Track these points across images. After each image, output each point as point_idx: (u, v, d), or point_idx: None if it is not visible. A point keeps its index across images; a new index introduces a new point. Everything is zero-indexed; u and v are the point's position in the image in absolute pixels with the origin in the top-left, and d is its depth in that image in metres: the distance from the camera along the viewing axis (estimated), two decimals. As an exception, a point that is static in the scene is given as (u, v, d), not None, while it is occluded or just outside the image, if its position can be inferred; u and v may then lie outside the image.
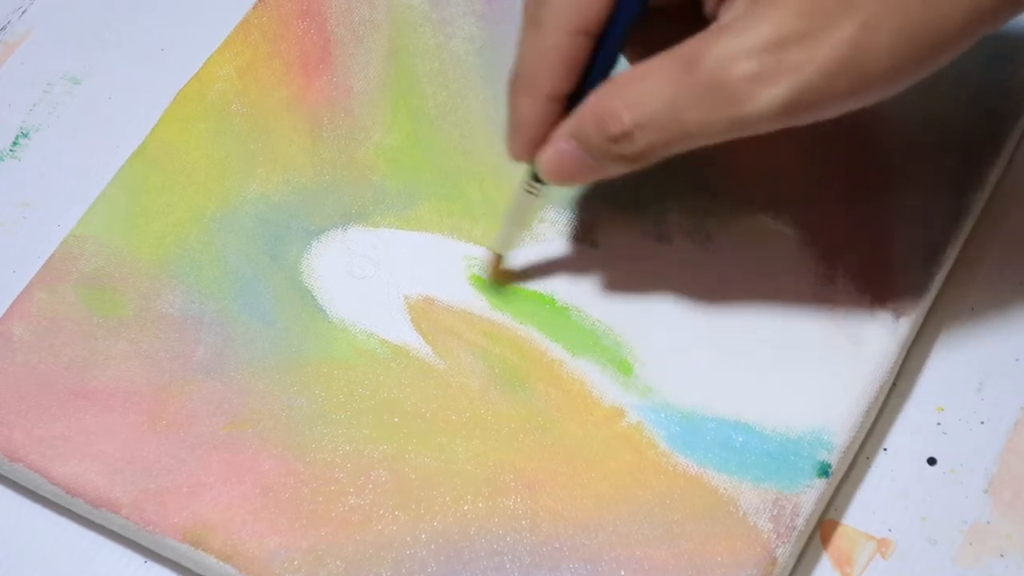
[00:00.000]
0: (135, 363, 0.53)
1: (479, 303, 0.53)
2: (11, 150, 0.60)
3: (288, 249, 0.55)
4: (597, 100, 0.47)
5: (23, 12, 0.64)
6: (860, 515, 0.50)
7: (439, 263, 0.54)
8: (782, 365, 0.51)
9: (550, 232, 0.55)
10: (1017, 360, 0.52)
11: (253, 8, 0.60)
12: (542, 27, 0.48)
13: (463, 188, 0.56)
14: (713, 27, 0.45)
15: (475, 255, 0.54)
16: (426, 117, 0.58)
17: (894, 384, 0.52)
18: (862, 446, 0.51)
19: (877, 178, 0.54)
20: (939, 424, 0.52)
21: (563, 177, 0.49)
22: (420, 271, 0.54)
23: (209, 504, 0.50)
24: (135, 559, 0.52)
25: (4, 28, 0.63)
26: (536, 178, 0.51)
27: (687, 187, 0.55)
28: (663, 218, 0.54)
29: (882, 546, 0.50)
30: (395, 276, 0.54)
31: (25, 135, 0.61)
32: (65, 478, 0.51)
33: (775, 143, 0.55)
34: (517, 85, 0.49)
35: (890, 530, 0.50)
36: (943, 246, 0.52)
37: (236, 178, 0.57)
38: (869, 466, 0.51)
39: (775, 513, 0.48)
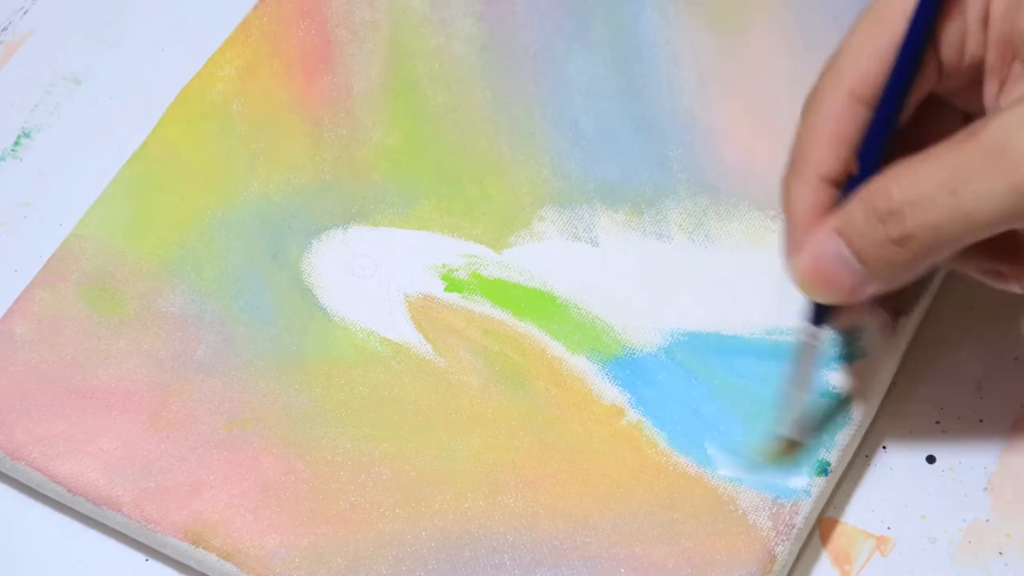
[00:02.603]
0: (136, 362, 0.53)
1: (479, 301, 0.53)
2: (13, 150, 0.60)
3: (289, 248, 0.55)
4: (870, 184, 0.43)
5: (25, 12, 0.64)
6: (859, 513, 0.50)
7: (439, 262, 0.54)
8: (782, 364, 0.51)
9: (550, 231, 0.55)
10: (1016, 359, 0.52)
11: (254, 8, 0.60)
12: (818, 97, 0.45)
13: (463, 187, 0.56)
14: (995, 108, 0.43)
15: (475, 253, 0.54)
16: (426, 117, 0.58)
17: (893, 382, 0.52)
18: (861, 444, 0.51)
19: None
20: (938, 422, 0.52)
21: (820, 284, 0.44)
22: (420, 270, 0.54)
23: (210, 502, 0.50)
24: (136, 557, 0.52)
25: (6, 28, 0.63)
26: (816, 319, 0.46)
27: (687, 186, 0.55)
28: (663, 217, 0.54)
29: (881, 544, 0.50)
30: (395, 275, 0.54)
31: (27, 135, 0.61)
32: (66, 476, 0.51)
33: (776, 141, 0.55)
34: (789, 170, 0.45)
35: (889, 528, 0.50)
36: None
37: (237, 178, 0.57)
38: (868, 464, 0.51)
39: (774, 511, 0.48)
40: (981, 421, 0.51)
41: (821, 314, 0.47)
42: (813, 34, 0.57)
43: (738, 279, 0.53)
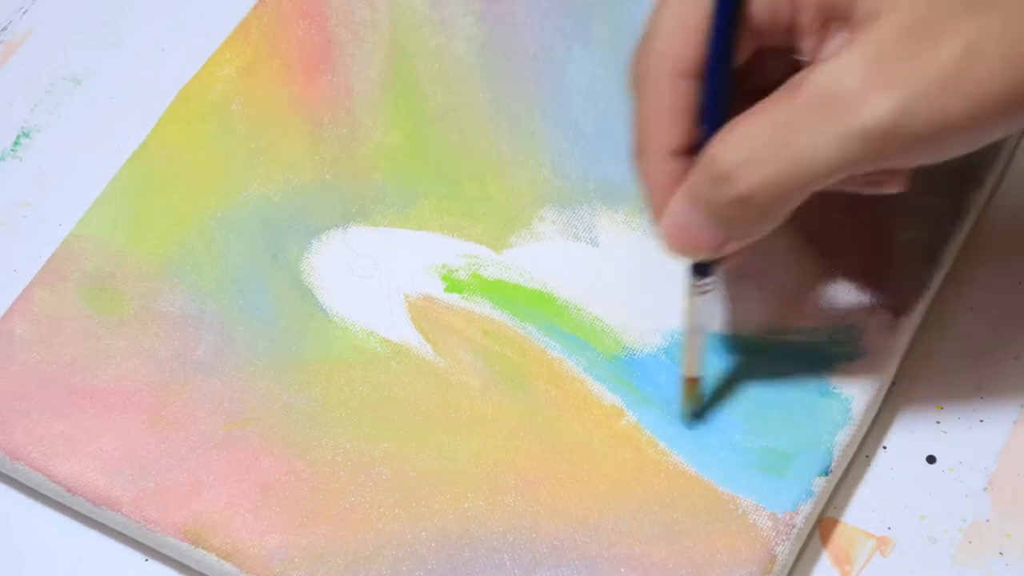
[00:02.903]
0: (136, 362, 0.53)
1: (479, 302, 0.53)
2: (12, 150, 0.60)
3: (289, 248, 0.55)
4: (706, 148, 0.44)
5: (24, 12, 0.64)
6: (860, 513, 0.50)
7: (439, 262, 0.54)
8: (782, 364, 0.51)
9: (550, 231, 0.55)
10: (1016, 359, 0.52)
11: (254, 8, 0.60)
12: (644, 80, 0.46)
13: (463, 187, 0.56)
14: (816, 62, 0.43)
15: (475, 253, 0.54)
16: (426, 117, 0.58)
17: (894, 382, 0.52)
18: (862, 444, 0.51)
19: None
20: (939, 422, 0.52)
21: (681, 247, 0.46)
22: (420, 270, 0.54)
23: (209, 502, 0.50)
24: (136, 557, 0.52)
25: (5, 28, 0.63)
26: (697, 271, 0.47)
27: (687, 186, 0.55)
28: (663, 217, 0.54)
29: (881, 544, 0.50)
30: (395, 275, 0.54)
31: (26, 135, 0.61)
32: (66, 477, 0.51)
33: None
34: (636, 152, 0.46)
35: (889, 528, 0.50)
36: (943, 245, 0.53)
37: (237, 177, 0.57)
38: (869, 464, 0.51)
39: (774, 511, 0.48)
40: (982, 421, 0.51)
41: (701, 265, 0.48)
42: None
43: (738, 279, 0.53)
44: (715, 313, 0.50)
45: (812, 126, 0.42)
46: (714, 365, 0.51)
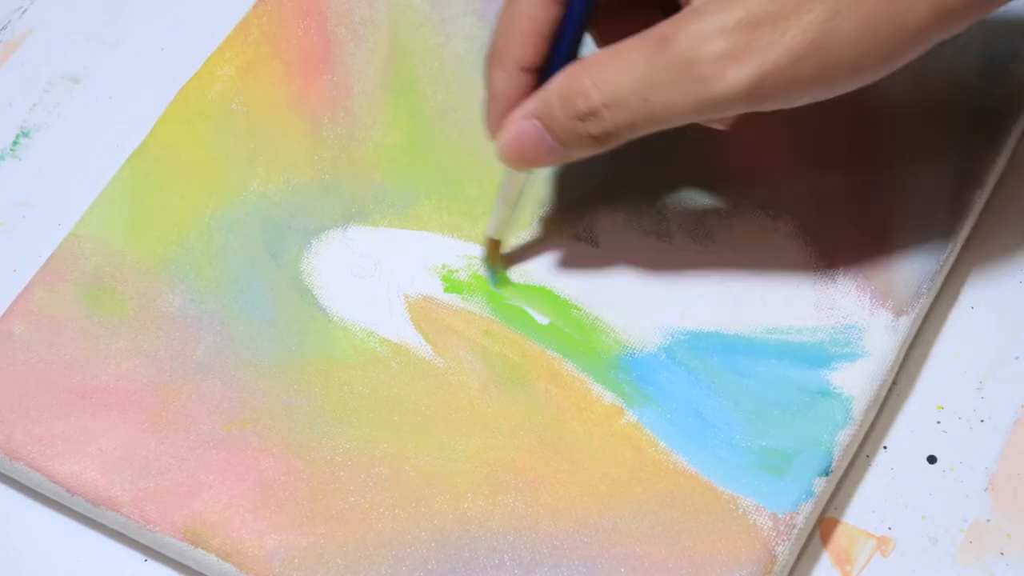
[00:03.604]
0: (135, 362, 0.53)
1: (479, 302, 0.53)
2: (11, 149, 0.60)
3: (288, 248, 0.55)
4: (566, 78, 0.47)
5: (23, 12, 0.64)
6: (860, 513, 0.50)
7: (439, 262, 0.54)
8: (782, 364, 0.51)
9: (550, 230, 0.55)
10: (1017, 358, 0.52)
11: (253, 8, 0.60)
12: None
13: (463, 187, 0.56)
14: (687, 9, 0.46)
15: (475, 254, 0.54)
16: (426, 117, 0.58)
17: (894, 382, 0.52)
18: (862, 444, 0.51)
19: (877, 177, 0.54)
20: (939, 422, 0.52)
21: (522, 160, 0.49)
22: (420, 270, 0.54)
23: (209, 502, 0.50)
24: (135, 557, 0.52)
25: (4, 28, 0.63)
26: None
27: (688, 185, 0.55)
28: (663, 216, 0.54)
29: (882, 544, 0.50)
30: (395, 275, 0.54)
31: (25, 134, 0.61)
32: (65, 477, 0.51)
33: (776, 141, 0.55)
34: (490, 57, 0.50)
35: (890, 528, 0.50)
36: (943, 245, 0.52)
37: (236, 177, 0.57)
38: (869, 464, 0.51)
39: (775, 511, 0.48)
40: (982, 421, 0.51)
41: None
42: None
43: (738, 278, 0.53)
44: (522, 192, 0.53)
45: (673, 86, 0.45)
46: (714, 365, 0.51)
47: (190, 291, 0.54)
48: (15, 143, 0.60)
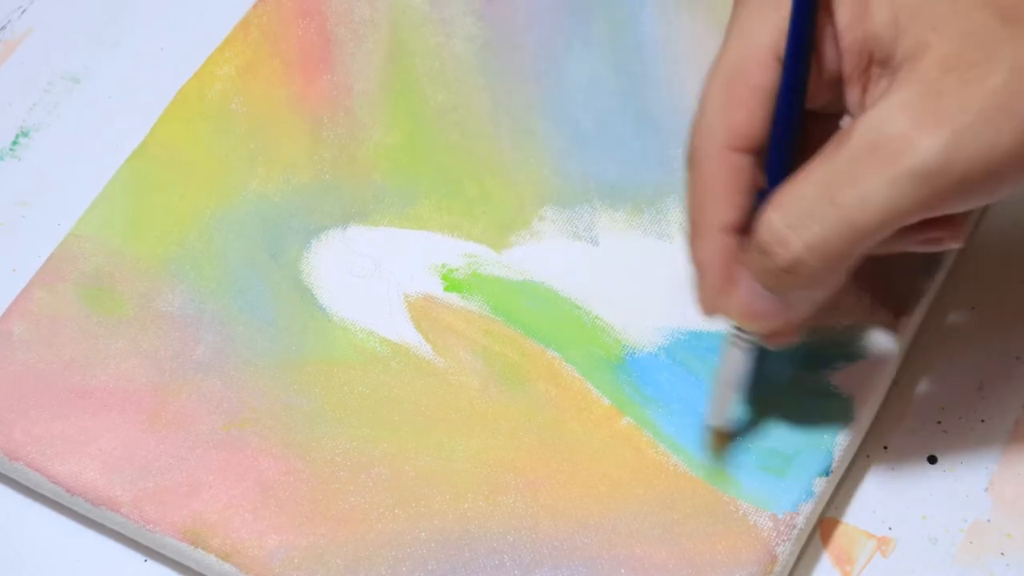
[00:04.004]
0: (135, 362, 0.53)
1: (479, 301, 0.53)
2: (11, 149, 0.60)
3: (288, 248, 0.55)
4: (760, 225, 0.43)
5: (23, 11, 0.64)
6: (860, 513, 0.50)
7: (439, 261, 0.54)
8: (782, 364, 0.51)
9: (550, 230, 0.55)
10: (1018, 359, 0.52)
11: (253, 7, 0.60)
12: (696, 157, 0.45)
13: (463, 187, 0.56)
14: (861, 112, 0.43)
15: (475, 253, 0.54)
16: (426, 116, 0.58)
17: (894, 382, 0.52)
18: (862, 444, 0.51)
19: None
20: (940, 423, 0.52)
21: (753, 321, 0.45)
22: (420, 270, 0.54)
23: (209, 502, 0.50)
24: (135, 558, 0.52)
25: (4, 27, 0.63)
26: (741, 329, 0.46)
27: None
28: (664, 216, 0.54)
29: (882, 544, 0.50)
30: (395, 274, 0.54)
31: (25, 134, 0.61)
32: (65, 477, 0.51)
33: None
34: (689, 230, 0.45)
35: (890, 528, 0.50)
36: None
37: (236, 177, 0.57)
38: (870, 464, 0.51)
39: (775, 511, 0.48)
40: (983, 421, 0.51)
41: None
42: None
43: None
44: (748, 369, 0.48)
45: (860, 176, 0.41)
46: (715, 365, 0.51)
47: (190, 291, 0.54)
48: (15, 143, 0.60)
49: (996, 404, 0.52)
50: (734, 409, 0.49)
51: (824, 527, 0.50)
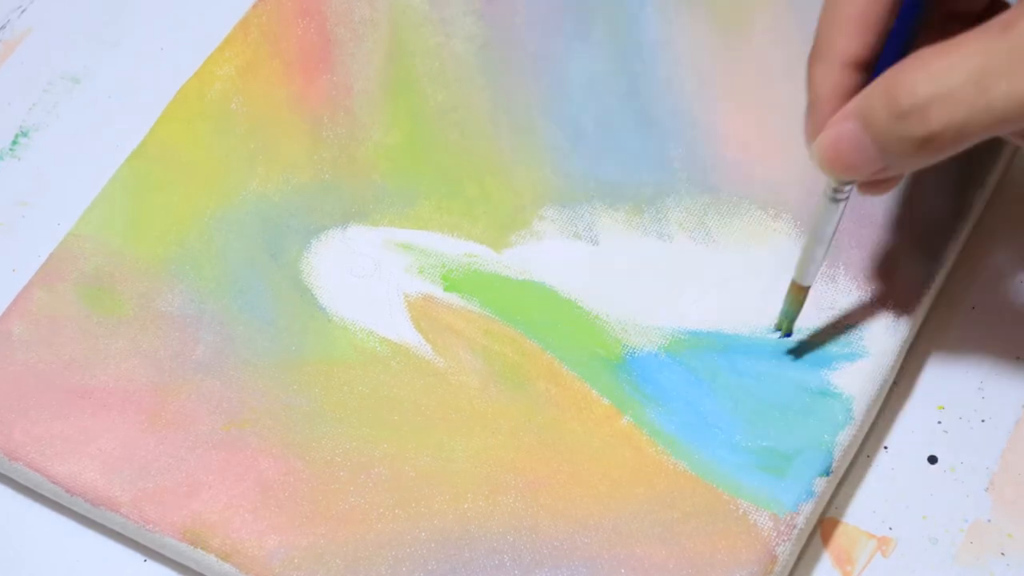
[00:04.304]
0: (134, 362, 0.53)
1: (478, 301, 0.53)
2: (11, 149, 0.60)
3: (288, 248, 0.55)
4: (892, 72, 0.42)
5: (23, 11, 0.64)
6: (861, 513, 0.50)
7: (439, 261, 0.54)
8: (782, 364, 0.51)
9: (550, 230, 0.55)
10: (1018, 358, 0.52)
11: (253, 7, 0.60)
12: None
13: (463, 187, 0.56)
14: None
15: (475, 253, 0.54)
16: (426, 116, 0.58)
17: (895, 382, 0.52)
18: (863, 444, 0.51)
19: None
20: (940, 422, 0.52)
21: (839, 166, 0.44)
22: (420, 269, 0.54)
23: (208, 503, 0.50)
24: (135, 558, 0.51)
25: (3, 27, 0.63)
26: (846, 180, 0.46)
27: (688, 185, 0.55)
28: (664, 216, 0.54)
29: (883, 544, 0.50)
30: (395, 275, 0.54)
31: (25, 134, 0.61)
32: (64, 477, 0.51)
33: (776, 141, 0.55)
34: (813, 53, 0.45)
35: (891, 528, 0.50)
36: (944, 244, 0.52)
37: (236, 177, 0.57)
38: (870, 464, 0.51)
39: (776, 511, 0.48)
40: (983, 421, 0.51)
41: None
42: (813, 33, 0.57)
43: (739, 278, 0.53)
44: (838, 222, 0.47)
45: (1016, 73, 0.40)
46: (714, 365, 0.51)
47: (190, 291, 0.54)
48: (14, 143, 0.60)
49: (996, 404, 0.52)
50: (820, 265, 0.48)
51: (824, 527, 0.50)
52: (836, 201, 0.46)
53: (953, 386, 0.52)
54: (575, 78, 0.58)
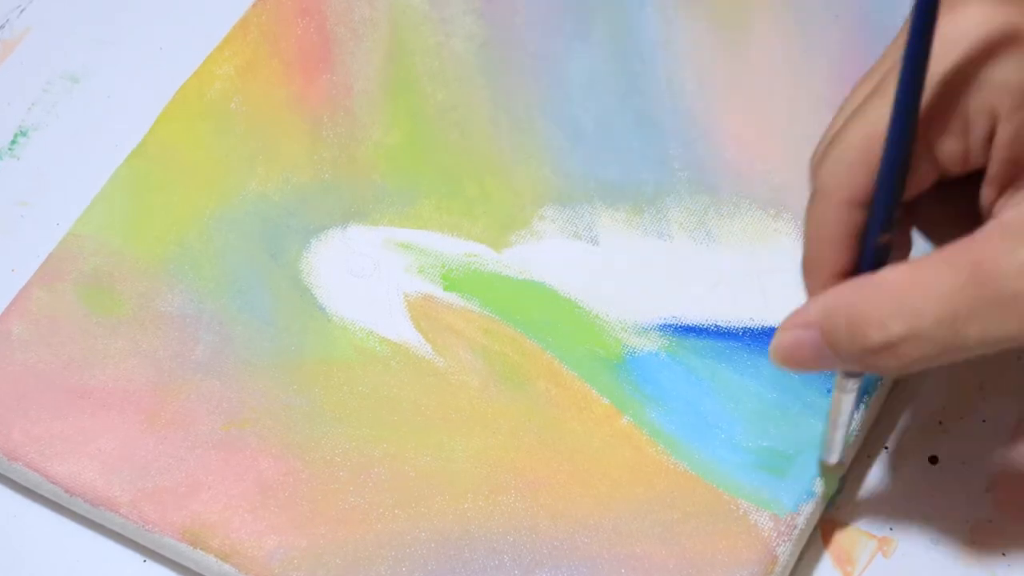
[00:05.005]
0: (134, 362, 0.53)
1: (478, 300, 0.53)
2: (10, 149, 0.60)
3: (288, 247, 0.55)
4: (858, 300, 0.42)
5: (22, 10, 0.63)
6: (862, 514, 0.50)
7: (439, 261, 0.54)
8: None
9: (550, 229, 0.55)
10: (1020, 359, 0.52)
11: (252, 6, 0.60)
12: (817, 196, 0.45)
13: (463, 186, 0.56)
14: (994, 226, 0.42)
15: (475, 252, 0.54)
16: (426, 116, 0.57)
17: (896, 382, 0.52)
18: (864, 445, 0.51)
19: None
20: (941, 423, 0.51)
21: (795, 366, 0.44)
22: (420, 269, 0.54)
23: (208, 503, 0.50)
24: (134, 558, 0.51)
25: (3, 26, 0.63)
26: (851, 372, 0.46)
27: (688, 185, 0.55)
28: (664, 216, 0.54)
29: (884, 545, 0.50)
30: (395, 274, 0.54)
31: (24, 134, 0.60)
32: (64, 477, 0.51)
33: (776, 141, 0.55)
34: (803, 262, 0.45)
35: (892, 529, 0.50)
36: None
37: (235, 177, 0.56)
38: (871, 465, 0.51)
39: (776, 512, 0.48)
40: (984, 421, 0.51)
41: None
42: (814, 33, 0.57)
43: (739, 278, 0.53)
44: (853, 411, 0.47)
45: (992, 319, 0.41)
46: (715, 365, 0.51)
47: (189, 291, 0.54)
48: (13, 142, 0.60)
49: (997, 404, 0.51)
50: (844, 447, 0.48)
51: (825, 527, 0.50)
52: (847, 392, 0.46)
53: (954, 386, 0.52)
54: (575, 78, 0.58)
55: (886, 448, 0.51)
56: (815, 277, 0.45)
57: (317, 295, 0.54)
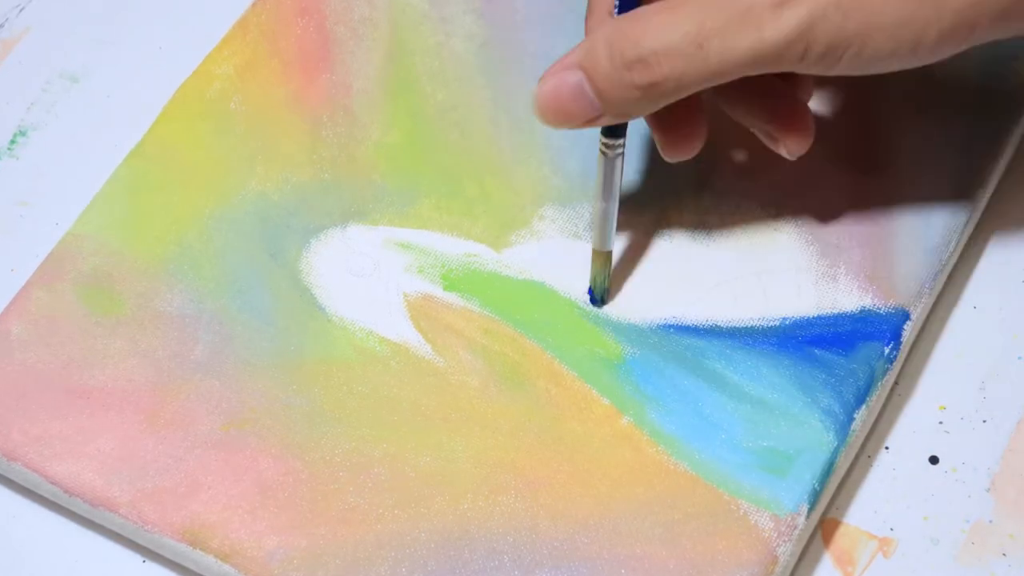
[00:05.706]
0: (133, 362, 0.53)
1: (478, 300, 0.53)
2: (9, 149, 0.60)
3: (287, 247, 0.55)
4: (616, 24, 0.46)
5: (21, 10, 0.63)
6: (862, 514, 0.50)
7: (439, 261, 0.54)
8: (784, 363, 0.51)
9: (550, 229, 0.55)
10: (1020, 358, 0.52)
11: (252, 6, 0.60)
12: None
13: (463, 186, 0.56)
14: None
15: (475, 252, 0.54)
16: (426, 115, 0.57)
17: (896, 382, 0.52)
18: (864, 445, 0.51)
19: (879, 176, 0.54)
20: (941, 423, 0.51)
21: (558, 115, 0.47)
22: (420, 269, 0.54)
23: (207, 503, 0.50)
24: (134, 558, 0.51)
25: (2, 26, 0.63)
26: (610, 132, 0.49)
27: (689, 185, 0.55)
28: (664, 215, 0.54)
29: (884, 545, 0.50)
30: (394, 274, 0.54)
31: (23, 134, 0.60)
32: (63, 477, 0.51)
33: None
34: (585, 22, 0.49)
35: (892, 529, 0.50)
36: (945, 244, 0.52)
37: (235, 176, 0.56)
38: (871, 465, 0.51)
39: (776, 512, 0.48)
40: (984, 421, 0.51)
41: (616, 127, 0.49)
42: None
43: (739, 278, 0.53)
44: (621, 180, 0.50)
45: (729, 32, 0.45)
46: (715, 365, 0.51)
47: (188, 291, 0.54)
48: (13, 142, 0.60)
49: (998, 404, 0.51)
50: (614, 228, 0.50)
51: (825, 527, 0.50)
52: (608, 157, 0.48)
53: (954, 386, 0.52)
54: (575, 77, 0.58)
55: (886, 448, 0.51)
56: (594, 15, 0.49)
57: (317, 295, 0.54)
